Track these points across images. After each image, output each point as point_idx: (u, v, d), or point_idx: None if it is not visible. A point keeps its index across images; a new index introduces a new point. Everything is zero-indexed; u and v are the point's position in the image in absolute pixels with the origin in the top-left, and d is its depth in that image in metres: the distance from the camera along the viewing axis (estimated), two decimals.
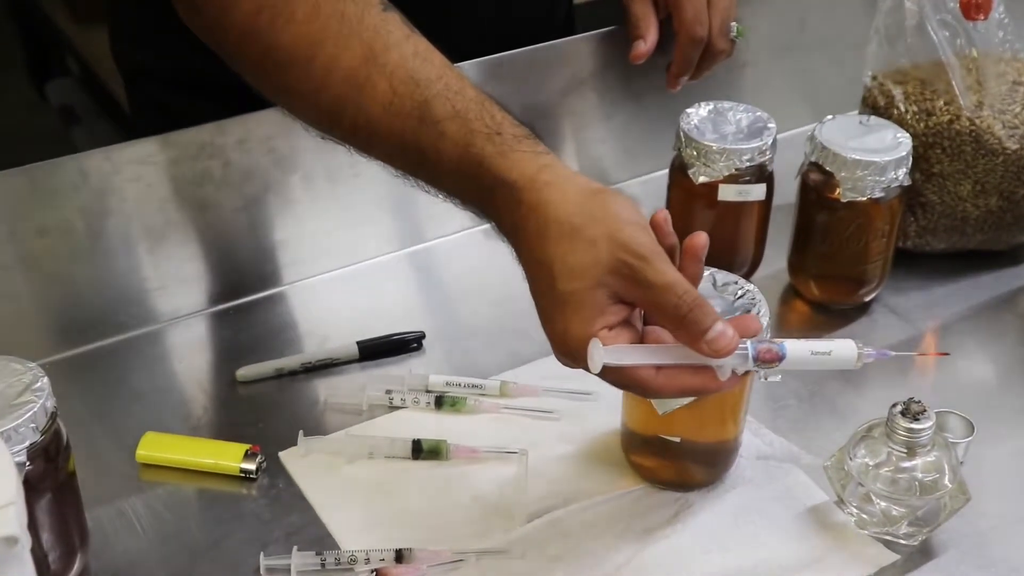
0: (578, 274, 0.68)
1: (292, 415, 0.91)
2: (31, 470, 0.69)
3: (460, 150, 0.73)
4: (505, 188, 0.71)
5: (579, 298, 0.68)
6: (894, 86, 1.05)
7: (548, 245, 0.69)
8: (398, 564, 0.77)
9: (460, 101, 0.74)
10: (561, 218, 0.69)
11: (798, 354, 0.72)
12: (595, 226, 0.69)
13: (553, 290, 0.69)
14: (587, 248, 0.68)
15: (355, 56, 0.75)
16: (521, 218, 0.71)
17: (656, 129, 1.15)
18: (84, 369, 0.96)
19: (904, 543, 0.80)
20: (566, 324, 0.69)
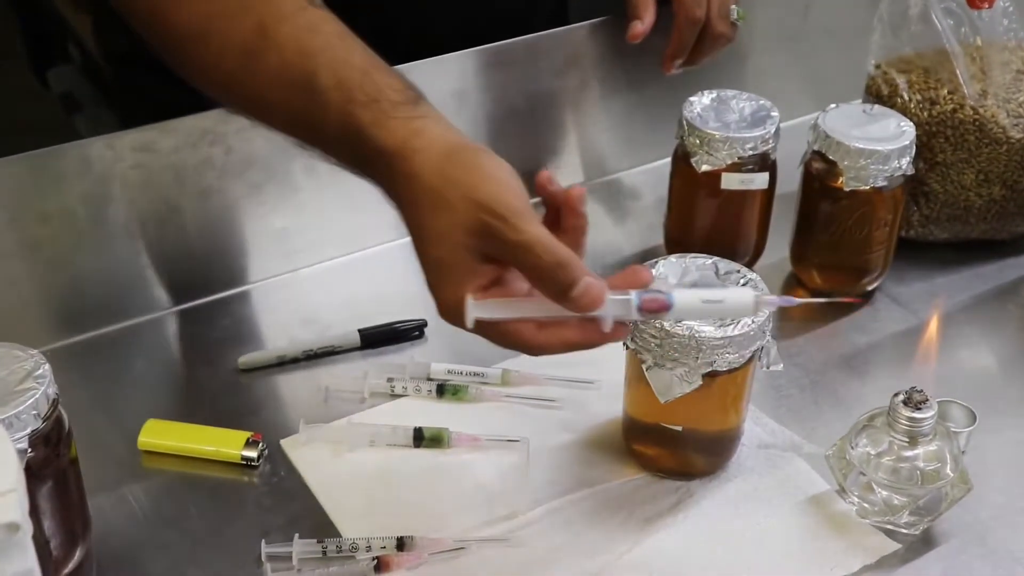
0: (442, 239, 0.69)
1: (294, 403, 0.91)
2: (33, 457, 0.69)
3: (342, 120, 0.73)
4: (382, 158, 0.72)
5: (446, 262, 0.69)
6: (898, 75, 1.05)
7: (418, 213, 0.70)
8: (399, 552, 0.77)
9: (344, 70, 0.74)
10: (426, 186, 0.70)
11: (688, 303, 0.70)
12: (453, 189, 0.69)
13: (426, 256, 0.70)
14: (447, 212, 0.68)
15: (247, 30, 0.76)
16: (397, 187, 0.72)
17: (659, 118, 1.15)
18: (86, 356, 0.96)
19: (905, 532, 0.80)
20: (441, 288, 0.70)
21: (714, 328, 0.76)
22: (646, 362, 0.78)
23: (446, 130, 0.73)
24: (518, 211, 0.68)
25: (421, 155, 0.70)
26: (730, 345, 0.76)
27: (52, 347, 0.94)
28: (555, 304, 0.68)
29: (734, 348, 0.77)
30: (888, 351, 0.99)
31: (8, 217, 0.92)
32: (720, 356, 0.77)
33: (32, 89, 2.17)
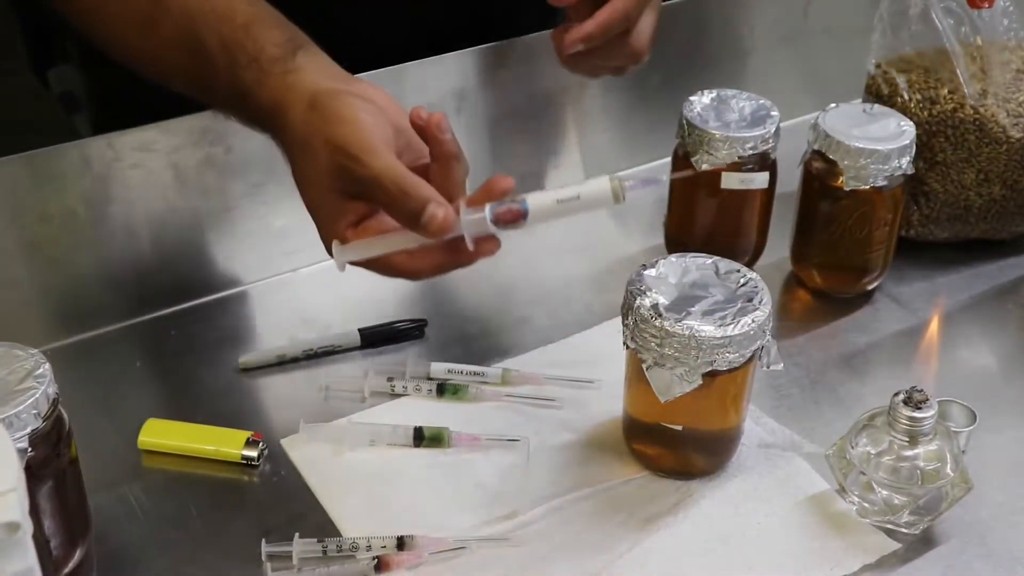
0: (311, 184, 0.73)
1: (294, 402, 0.91)
2: (33, 457, 0.69)
3: (230, 83, 0.77)
4: (265, 116, 0.76)
5: (317, 205, 0.74)
6: (898, 74, 1.05)
7: (294, 164, 0.75)
8: (399, 551, 0.77)
9: (227, 29, 0.77)
10: (296, 138, 0.74)
11: (543, 206, 0.70)
12: (315, 136, 0.72)
13: (306, 204, 0.75)
14: (312, 159, 0.72)
15: (141, 2, 0.79)
16: (283, 143, 0.76)
17: (659, 117, 1.15)
18: (86, 356, 0.96)
19: (906, 532, 0.80)
20: (322, 232, 0.74)
21: (714, 328, 0.76)
22: (646, 362, 0.78)
23: (316, 78, 0.75)
24: (369, 147, 0.71)
25: (292, 109, 0.74)
26: (730, 344, 0.76)
27: (52, 346, 0.94)
28: (413, 233, 0.71)
29: (734, 347, 0.77)
30: (888, 351, 0.99)
31: (8, 217, 0.92)
32: (720, 355, 0.77)
33: (32, 89, 2.17)
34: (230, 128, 0.97)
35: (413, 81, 1.05)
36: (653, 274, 0.81)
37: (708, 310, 0.78)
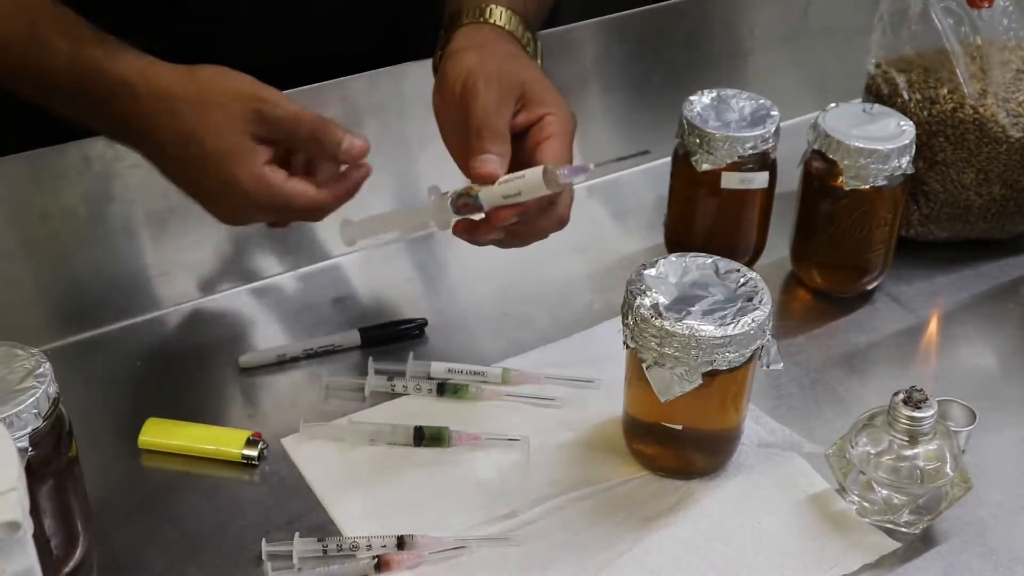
0: (222, 131, 0.78)
1: (294, 402, 0.91)
2: (33, 456, 0.69)
3: (71, 61, 0.79)
4: (123, 87, 0.78)
5: (232, 150, 0.78)
6: (898, 74, 1.05)
7: (184, 120, 0.78)
8: (400, 551, 0.77)
9: (65, 21, 0.80)
10: (187, 96, 0.78)
11: (491, 198, 0.79)
12: (217, 92, 0.79)
13: (206, 154, 0.78)
14: (219, 109, 0.78)
15: None
16: (146, 109, 0.78)
17: (659, 117, 1.15)
18: (87, 355, 0.96)
19: (905, 531, 0.80)
20: (235, 177, 0.78)
21: (714, 327, 0.77)
22: (646, 361, 0.78)
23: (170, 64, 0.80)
24: (280, 94, 0.80)
25: (167, 74, 0.79)
26: (730, 344, 0.77)
27: (53, 346, 0.94)
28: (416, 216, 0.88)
29: (734, 347, 0.77)
30: (888, 350, 0.99)
31: (9, 216, 0.92)
32: (720, 355, 0.77)
33: None
34: None
35: (413, 81, 1.05)
36: (653, 274, 0.81)
37: (708, 310, 0.78)
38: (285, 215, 0.83)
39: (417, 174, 1.09)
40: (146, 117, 0.79)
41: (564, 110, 0.83)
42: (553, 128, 0.82)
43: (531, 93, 0.83)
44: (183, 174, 0.82)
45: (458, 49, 0.85)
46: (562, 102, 0.84)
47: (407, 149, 1.08)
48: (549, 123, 0.82)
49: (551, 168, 0.76)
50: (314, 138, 0.80)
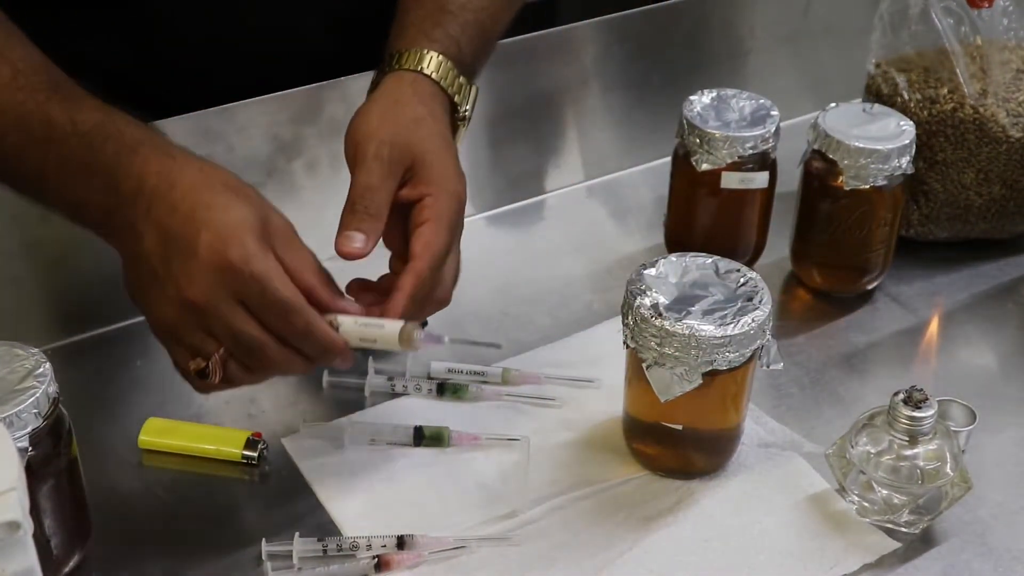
0: (245, 206, 0.73)
1: (294, 401, 0.91)
2: (33, 456, 0.69)
3: (100, 114, 0.74)
4: (149, 146, 0.73)
5: (244, 219, 0.72)
6: (898, 74, 1.05)
7: (206, 192, 0.72)
8: (400, 551, 0.77)
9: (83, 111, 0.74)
10: (217, 175, 0.74)
11: (351, 333, 0.76)
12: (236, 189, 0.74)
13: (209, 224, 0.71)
14: (245, 199, 0.73)
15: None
16: (174, 171, 0.73)
17: (659, 117, 1.15)
18: (87, 355, 0.96)
19: (905, 531, 0.80)
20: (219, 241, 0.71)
21: (714, 327, 0.77)
22: (646, 361, 0.78)
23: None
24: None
25: (191, 158, 0.74)
26: (730, 344, 0.77)
27: (53, 346, 0.94)
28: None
29: (734, 347, 0.77)
30: (888, 350, 0.99)
31: (9, 216, 0.92)
32: (720, 355, 0.77)
33: None
34: (231, 127, 0.97)
35: None
36: (653, 273, 0.81)
37: (708, 309, 0.78)
38: (257, 307, 0.72)
39: None
40: (168, 174, 0.73)
41: (446, 192, 0.80)
42: (429, 213, 0.79)
43: (420, 168, 0.80)
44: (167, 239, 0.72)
45: (368, 105, 0.82)
46: (449, 181, 0.80)
47: None
48: (427, 206, 0.79)
49: (409, 328, 0.75)
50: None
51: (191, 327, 0.72)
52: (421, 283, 0.78)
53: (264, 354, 0.73)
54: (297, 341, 0.73)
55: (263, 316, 0.72)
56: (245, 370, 0.74)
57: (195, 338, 0.73)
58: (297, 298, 0.73)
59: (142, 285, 0.74)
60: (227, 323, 0.72)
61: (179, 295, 0.71)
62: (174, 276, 0.71)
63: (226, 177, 0.74)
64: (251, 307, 0.72)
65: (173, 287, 0.71)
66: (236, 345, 0.73)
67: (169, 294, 0.72)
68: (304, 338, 0.73)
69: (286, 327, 0.73)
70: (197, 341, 0.73)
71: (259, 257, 0.71)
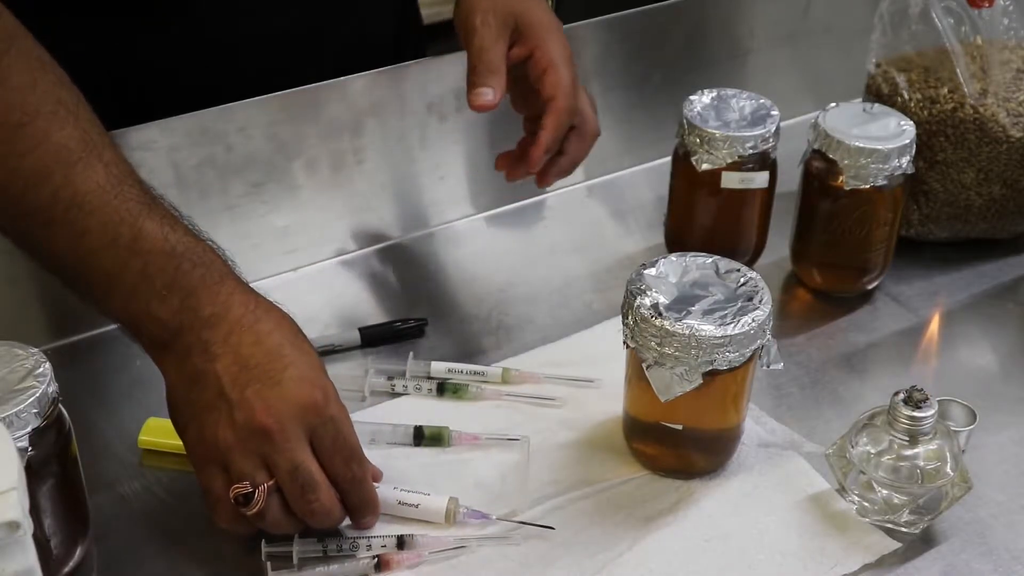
0: (319, 358, 0.76)
1: None
2: (33, 455, 0.69)
3: (193, 239, 0.75)
4: (235, 280, 0.76)
5: (323, 367, 0.76)
6: (898, 73, 1.05)
7: (290, 335, 0.75)
8: (400, 550, 0.77)
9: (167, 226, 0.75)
10: (294, 323, 0.77)
11: (386, 499, 0.79)
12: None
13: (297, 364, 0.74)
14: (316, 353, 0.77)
15: (70, 136, 0.72)
16: (260, 308, 0.75)
17: (659, 117, 1.15)
18: (87, 355, 0.96)
19: (905, 531, 0.80)
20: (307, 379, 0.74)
21: (714, 327, 0.77)
22: (646, 361, 0.78)
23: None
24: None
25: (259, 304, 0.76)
26: (730, 344, 0.76)
27: (53, 345, 0.94)
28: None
29: (734, 347, 0.77)
30: (888, 350, 0.99)
31: None
32: (720, 355, 0.77)
33: None
34: (230, 127, 0.97)
35: (414, 81, 1.05)
36: (653, 273, 0.81)
37: (708, 309, 0.78)
38: (327, 447, 0.74)
39: (417, 174, 1.09)
40: (243, 301, 0.75)
41: (552, 40, 0.90)
42: (544, 60, 0.91)
43: (523, 27, 0.91)
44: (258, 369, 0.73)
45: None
46: (552, 30, 0.90)
47: (407, 149, 1.08)
48: (540, 56, 0.91)
49: (452, 508, 0.79)
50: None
51: (248, 453, 0.72)
52: (561, 118, 0.92)
53: (316, 494, 0.73)
54: (349, 487, 0.75)
55: (330, 458, 0.74)
56: (284, 510, 0.74)
57: (247, 465, 0.72)
58: (360, 447, 0.76)
59: (201, 404, 0.73)
60: (292, 454, 0.72)
61: (249, 419, 0.71)
62: (247, 400, 0.72)
63: (298, 326, 0.77)
64: (320, 447, 0.73)
65: (244, 411, 0.72)
66: (292, 479, 0.72)
67: (236, 417, 0.72)
68: (357, 486, 0.75)
69: (345, 472, 0.74)
70: (249, 468, 0.72)
71: (338, 402, 0.75)
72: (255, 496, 0.72)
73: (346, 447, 0.74)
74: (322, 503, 0.73)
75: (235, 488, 0.72)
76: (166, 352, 0.74)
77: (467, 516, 0.79)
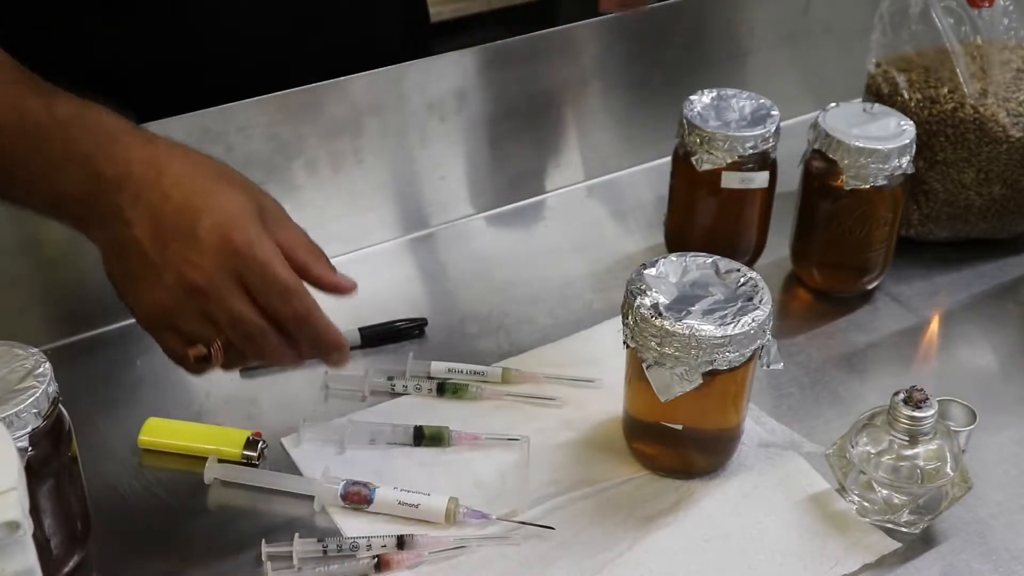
0: (241, 193, 0.74)
1: (294, 401, 0.91)
2: (33, 455, 0.69)
3: (77, 105, 0.73)
4: (131, 135, 0.72)
5: (242, 205, 0.73)
6: (898, 73, 1.05)
7: (199, 179, 0.73)
8: (399, 550, 0.77)
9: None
10: (205, 163, 0.74)
11: (386, 499, 0.80)
12: (227, 173, 0.75)
13: (209, 210, 0.71)
14: (239, 186, 0.74)
15: None
16: (160, 159, 0.72)
17: (659, 117, 1.15)
18: (87, 355, 0.96)
19: (905, 531, 0.80)
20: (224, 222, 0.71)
21: (714, 327, 0.76)
22: (646, 361, 0.78)
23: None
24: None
25: (177, 158, 0.73)
26: (730, 344, 0.76)
27: (53, 345, 0.94)
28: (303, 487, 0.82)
29: (734, 347, 0.77)
30: (888, 350, 0.99)
31: (9, 215, 0.92)
32: (720, 355, 0.77)
33: None
34: (230, 127, 0.97)
35: (414, 81, 1.05)
36: (653, 273, 0.81)
37: (708, 309, 0.78)
38: (260, 290, 0.72)
39: (417, 174, 1.10)
40: (155, 158, 0.72)
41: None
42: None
43: None
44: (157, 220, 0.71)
45: None
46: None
47: (407, 149, 1.08)
48: None
49: (452, 508, 0.79)
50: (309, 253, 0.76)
51: (190, 313, 0.72)
52: None
53: (264, 340, 0.72)
54: (296, 327, 0.73)
55: (265, 300, 0.72)
56: (244, 357, 0.74)
57: (193, 324, 0.72)
58: (298, 283, 0.73)
59: (132, 273, 0.73)
60: (228, 307, 0.71)
61: (179, 280, 0.70)
62: (172, 261, 0.70)
63: (214, 164, 0.74)
64: (253, 291, 0.71)
65: (172, 273, 0.70)
66: (236, 330, 0.72)
67: (166, 280, 0.71)
68: (304, 323, 0.73)
69: (287, 310, 0.72)
70: (196, 327, 0.72)
71: (261, 241, 0.71)
72: (212, 354, 0.73)
73: (278, 284, 0.71)
74: (273, 346, 0.73)
75: (191, 351, 0.73)
76: (90, 226, 0.73)
77: (467, 516, 0.79)
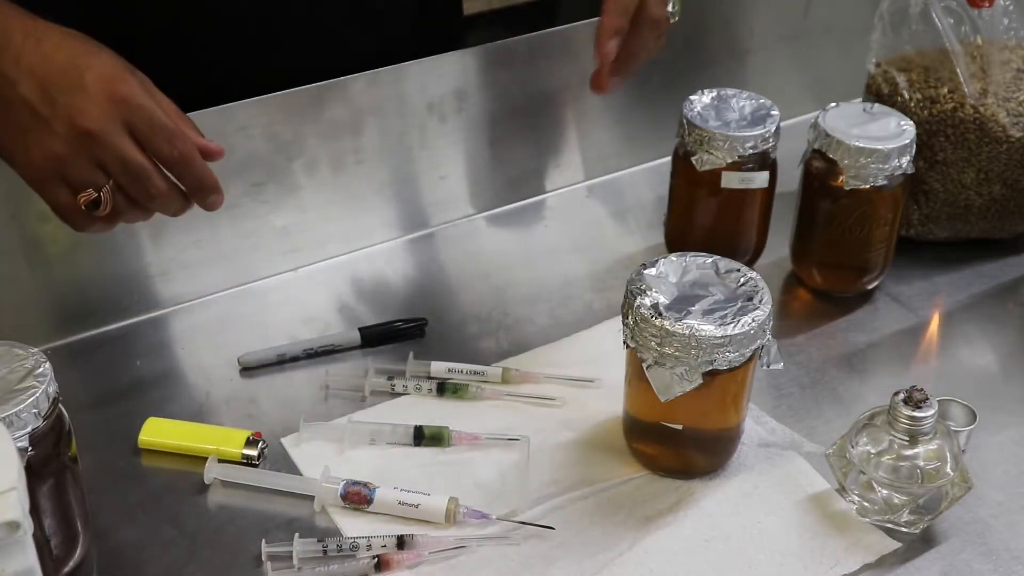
0: (117, 58, 0.78)
1: (294, 401, 0.91)
2: (33, 455, 0.69)
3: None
4: (8, 8, 0.77)
5: (122, 63, 0.78)
6: (898, 73, 1.05)
7: (78, 45, 0.77)
8: (399, 550, 0.77)
9: None
10: (81, 36, 0.79)
11: (386, 499, 0.80)
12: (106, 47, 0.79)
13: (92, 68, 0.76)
14: (113, 53, 0.79)
15: None
16: (40, 29, 0.77)
17: (659, 116, 1.15)
18: (87, 355, 0.96)
19: (906, 531, 0.80)
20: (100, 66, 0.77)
21: (714, 327, 0.77)
22: (646, 361, 0.78)
23: None
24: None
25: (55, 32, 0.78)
26: (730, 344, 0.76)
27: (53, 345, 0.94)
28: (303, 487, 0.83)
29: (734, 347, 0.77)
30: (888, 350, 0.99)
31: (9, 215, 0.92)
32: (720, 355, 0.77)
33: None
34: (230, 127, 0.97)
35: (414, 81, 1.05)
36: (653, 273, 0.81)
37: (708, 309, 0.78)
38: (146, 134, 0.77)
39: (417, 174, 1.10)
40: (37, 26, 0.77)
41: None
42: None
43: None
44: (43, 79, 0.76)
45: None
46: None
47: (407, 149, 1.08)
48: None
49: (452, 508, 0.80)
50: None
51: (81, 159, 0.76)
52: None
53: (151, 182, 0.78)
54: (181, 168, 0.79)
55: (151, 143, 0.77)
56: (131, 203, 0.79)
57: (84, 171, 0.77)
58: (180, 127, 0.78)
59: (18, 129, 0.76)
60: (118, 149, 0.76)
61: (71, 128, 0.75)
62: (62, 111, 0.75)
63: (89, 38, 0.79)
64: (140, 136, 0.77)
65: (62, 122, 0.75)
66: (125, 173, 0.77)
67: (57, 129, 0.75)
68: (188, 164, 0.79)
69: (172, 152, 0.78)
70: (86, 174, 0.77)
71: (143, 91, 0.77)
72: (102, 199, 0.77)
73: (163, 129, 0.77)
74: (158, 187, 0.78)
75: (82, 197, 0.77)
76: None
77: (467, 516, 0.79)
